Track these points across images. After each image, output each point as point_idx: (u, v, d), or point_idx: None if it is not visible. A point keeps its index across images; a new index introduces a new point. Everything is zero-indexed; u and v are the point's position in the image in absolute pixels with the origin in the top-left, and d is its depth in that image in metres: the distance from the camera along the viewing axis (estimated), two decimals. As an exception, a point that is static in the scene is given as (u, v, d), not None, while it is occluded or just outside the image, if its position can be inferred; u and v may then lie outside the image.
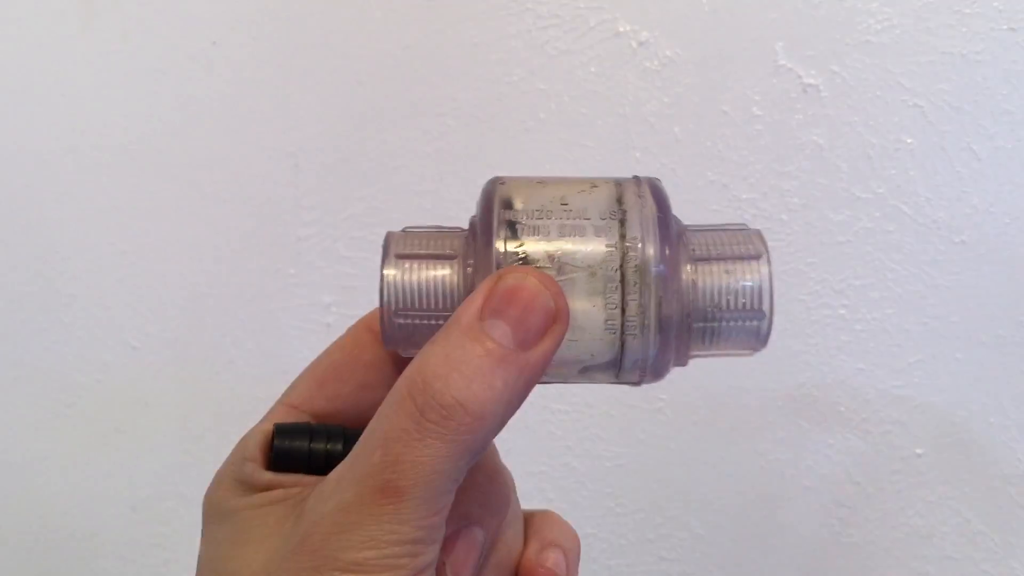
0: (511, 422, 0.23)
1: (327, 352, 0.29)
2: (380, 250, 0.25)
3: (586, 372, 0.26)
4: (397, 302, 0.26)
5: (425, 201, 0.56)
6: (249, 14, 0.55)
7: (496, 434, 0.23)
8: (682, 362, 0.26)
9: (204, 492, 0.28)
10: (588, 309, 0.25)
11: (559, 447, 0.58)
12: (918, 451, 0.57)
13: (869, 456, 0.57)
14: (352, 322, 0.30)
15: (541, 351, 0.23)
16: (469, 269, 0.26)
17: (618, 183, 0.26)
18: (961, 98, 0.54)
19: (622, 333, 0.25)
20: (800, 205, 0.55)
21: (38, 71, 0.56)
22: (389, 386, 0.29)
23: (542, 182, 0.26)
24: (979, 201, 0.55)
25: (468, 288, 0.25)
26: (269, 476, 0.26)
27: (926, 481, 0.57)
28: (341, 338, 0.30)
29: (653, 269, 0.25)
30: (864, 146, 0.54)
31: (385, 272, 0.26)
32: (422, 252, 0.26)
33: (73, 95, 0.56)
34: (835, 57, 0.53)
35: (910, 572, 0.58)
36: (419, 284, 0.26)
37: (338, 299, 0.57)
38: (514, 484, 0.30)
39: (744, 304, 0.26)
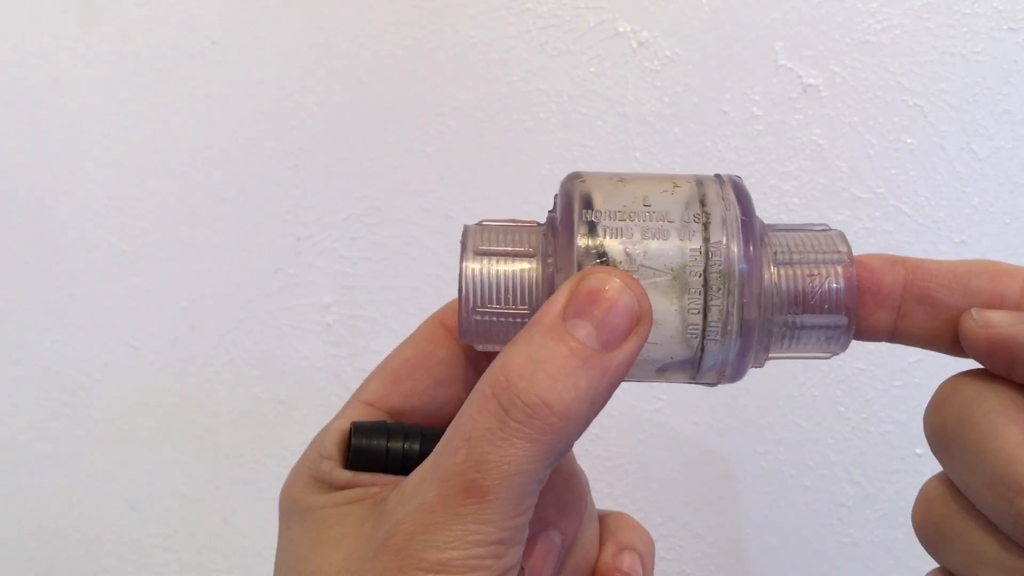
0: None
1: (400, 349, 0.29)
2: (380, 250, 0.25)
3: (663, 373, 0.26)
4: (476, 297, 0.26)
5: (425, 201, 0.56)
6: (249, 14, 0.55)
7: (580, 435, 0.23)
8: (759, 364, 0.26)
9: (280, 490, 0.28)
10: (670, 312, 0.25)
11: (559, 447, 0.58)
12: (918, 451, 0.57)
13: (869, 456, 0.57)
14: (352, 322, 0.30)
15: (625, 352, 0.23)
16: (550, 267, 0.25)
17: (699, 182, 0.26)
18: (961, 98, 0.54)
19: (703, 337, 0.25)
20: (800, 205, 0.55)
21: (38, 71, 0.56)
22: (464, 383, 0.28)
23: (622, 179, 0.26)
24: (979, 201, 0.55)
25: (548, 285, 0.25)
26: (347, 475, 0.26)
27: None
28: (413, 335, 0.29)
29: (737, 274, 0.24)
30: (864, 146, 0.54)
31: (465, 266, 0.25)
32: (501, 248, 0.26)
33: (73, 95, 0.56)
34: (835, 57, 0.53)
35: (910, 572, 0.58)
36: (499, 279, 0.26)
37: (338, 299, 0.57)
38: (589, 486, 0.29)
39: (827, 309, 0.25)
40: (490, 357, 0.28)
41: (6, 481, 0.61)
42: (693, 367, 0.26)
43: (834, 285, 0.25)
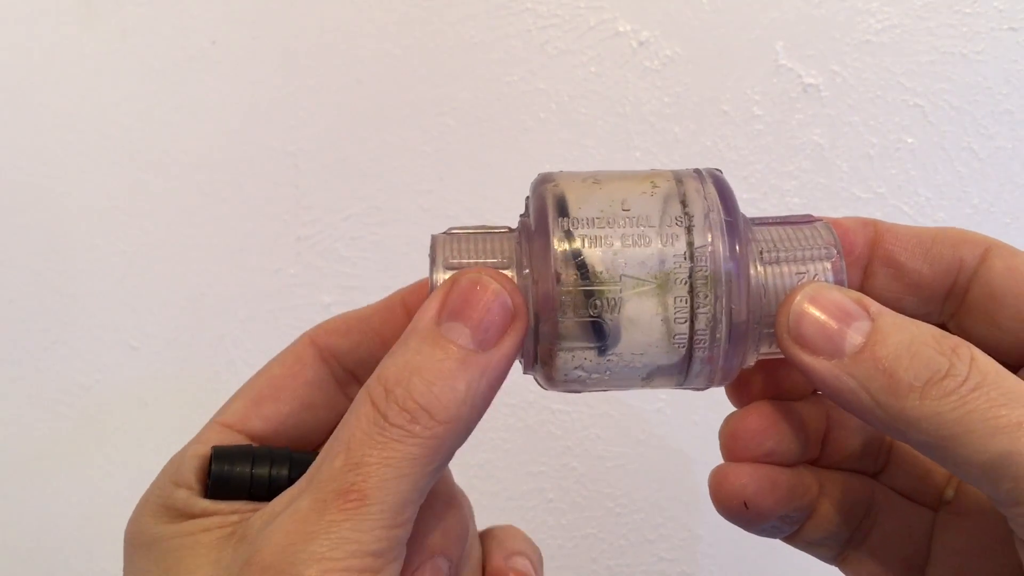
0: (512, 422, 0.23)
1: (265, 368, 0.28)
2: (380, 250, 0.24)
3: (649, 381, 0.25)
4: None
5: (425, 201, 0.56)
6: (249, 14, 0.55)
7: (464, 439, 0.23)
8: (749, 363, 0.26)
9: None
10: (655, 321, 0.23)
11: (559, 447, 0.58)
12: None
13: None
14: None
15: (502, 351, 0.23)
16: (527, 277, 0.24)
17: (679, 180, 0.25)
18: (961, 98, 0.53)
19: (691, 345, 0.24)
20: (800, 205, 0.55)
21: (38, 71, 0.56)
22: (332, 408, 0.27)
23: (596, 180, 0.25)
24: (979, 201, 0.55)
25: (525, 296, 0.24)
26: (204, 503, 0.24)
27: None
28: (281, 354, 0.28)
29: (724, 279, 0.23)
30: (864, 146, 0.54)
31: (436, 280, 0.24)
32: (473, 260, 0.24)
33: (73, 95, 0.56)
34: (835, 57, 0.53)
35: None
36: None
37: (338, 299, 0.57)
38: (471, 506, 0.28)
39: None
40: (361, 381, 0.27)
41: (6, 481, 0.61)
42: (681, 374, 0.25)
43: (823, 281, 0.25)
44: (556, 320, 0.23)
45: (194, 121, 0.56)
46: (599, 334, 0.24)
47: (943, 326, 0.27)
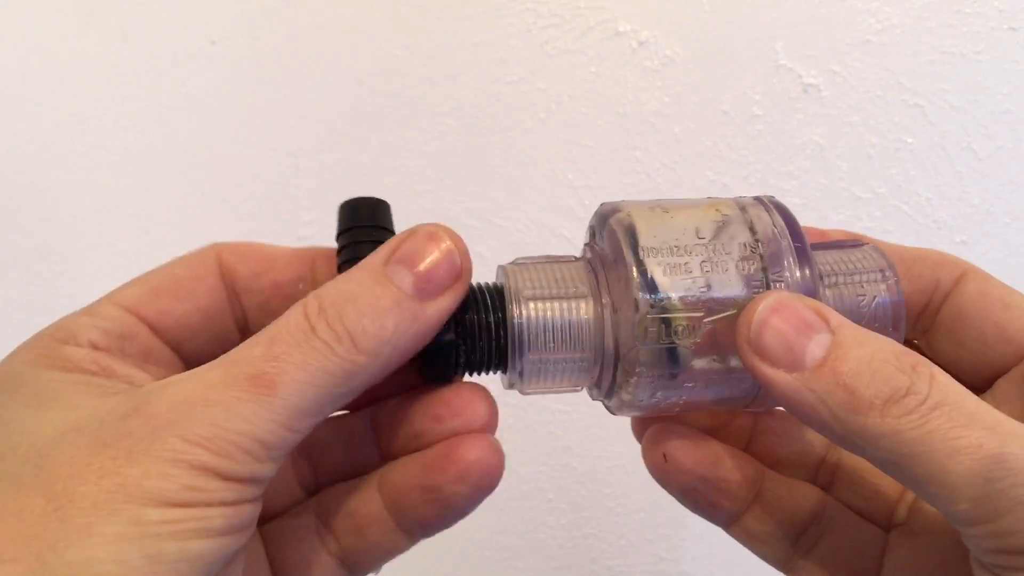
0: (512, 422, 0.23)
1: (167, 264, 0.27)
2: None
3: (719, 404, 0.26)
4: (528, 344, 0.25)
5: (425, 201, 0.56)
6: (249, 14, 0.55)
7: (377, 379, 0.23)
8: None
9: None
10: (732, 348, 0.24)
11: (559, 447, 0.58)
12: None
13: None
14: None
15: (437, 306, 0.23)
16: (607, 306, 0.25)
17: (742, 208, 0.26)
18: (961, 98, 0.54)
19: None
20: (800, 205, 0.55)
21: (38, 71, 0.56)
22: (221, 321, 0.27)
23: (664, 209, 0.25)
24: (980, 201, 0.55)
25: (601, 324, 0.25)
26: (99, 360, 0.24)
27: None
28: (186, 256, 0.28)
29: None
30: (864, 146, 0.54)
31: (514, 313, 0.25)
32: (551, 291, 0.25)
33: (73, 95, 0.56)
34: (835, 57, 0.53)
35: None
36: (553, 324, 0.25)
37: (338, 299, 0.57)
38: None
39: (878, 327, 0.25)
40: (243, 307, 0.28)
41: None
42: (749, 397, 0.25)
43: (881, 302, 0.26)
44: (636, 347, 0.24)
45: (194, 121, 0.56)
46: (675, 361, 0.24)
47: (911, 343, 0.28)
